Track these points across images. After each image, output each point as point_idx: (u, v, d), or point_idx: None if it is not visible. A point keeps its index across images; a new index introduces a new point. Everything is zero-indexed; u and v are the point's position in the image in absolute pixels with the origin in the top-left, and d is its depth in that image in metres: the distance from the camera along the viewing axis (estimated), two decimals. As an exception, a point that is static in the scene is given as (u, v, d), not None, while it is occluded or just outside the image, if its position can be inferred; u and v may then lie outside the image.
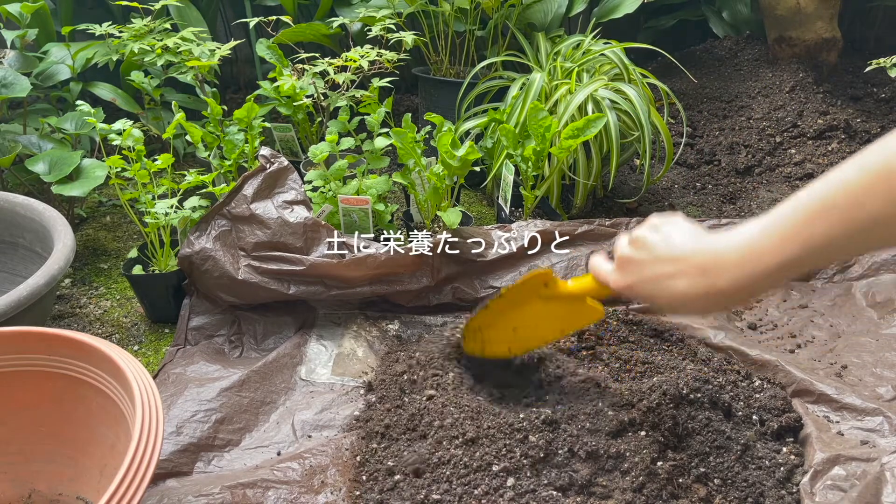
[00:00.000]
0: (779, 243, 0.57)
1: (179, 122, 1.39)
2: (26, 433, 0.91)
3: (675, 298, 0.66)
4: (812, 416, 1.01)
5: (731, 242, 0.61)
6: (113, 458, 0.86)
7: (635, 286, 0.72)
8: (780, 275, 0.58)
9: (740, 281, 0.60)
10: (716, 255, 0.62)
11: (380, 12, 1.81)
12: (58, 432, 0.90)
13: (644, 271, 0.69)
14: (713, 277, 0.62)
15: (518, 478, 0.86)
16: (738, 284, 0.60)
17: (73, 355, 0.86)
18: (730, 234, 0.62)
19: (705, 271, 0.63)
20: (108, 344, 0.85)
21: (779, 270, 0.58)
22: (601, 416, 0.91)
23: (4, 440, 0.90)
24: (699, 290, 0.63)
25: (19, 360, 0.87)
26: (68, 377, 0.87)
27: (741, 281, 0.60)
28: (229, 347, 1.28)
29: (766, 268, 0.58)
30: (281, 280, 1.26)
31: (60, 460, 0.91)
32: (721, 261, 0.62)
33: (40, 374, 0.87)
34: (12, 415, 0.90)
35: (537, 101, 1.49)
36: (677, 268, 0.65)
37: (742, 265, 0.60)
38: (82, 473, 0.90)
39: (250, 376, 1.15)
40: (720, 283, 0.61)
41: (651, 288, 0.68)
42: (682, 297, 0.65)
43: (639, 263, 0.70)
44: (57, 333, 0.85)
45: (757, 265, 0.58)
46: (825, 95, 2.11)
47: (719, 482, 0.89)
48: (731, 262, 0.61)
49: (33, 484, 0.91)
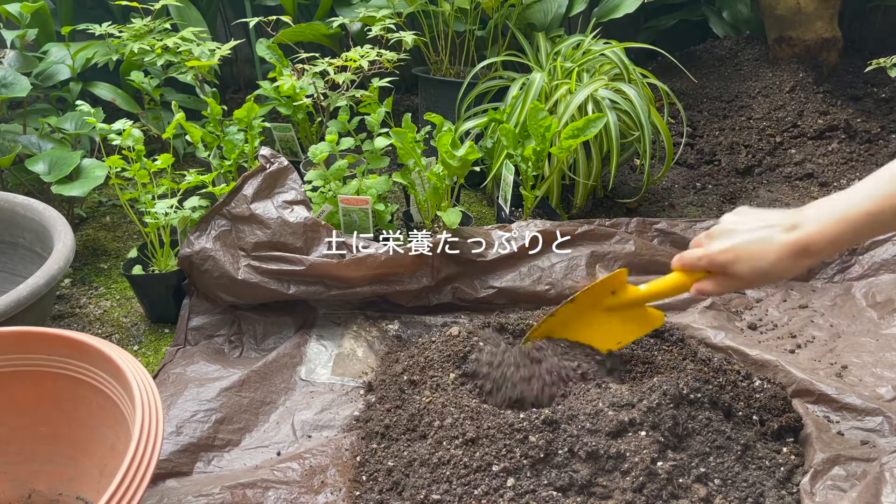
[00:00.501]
0: (867, 199, 0.71)
1: (179, 122, 1.39)
2: (26, 433, 0.90)
3: (768, 253, 0.78)
4: (812, 416, 1.01)
5: (819, 202, 0.76)
6: (113, 458, 0.86)
7: (734, 248, 0.82)
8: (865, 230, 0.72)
9: (827, 229, 0.74)
10: (805, 211, 0.77)
11: (380, 12, 1.81)
12: (58, 432, 0.90)
13: (740, 235, 0.82)
14: (804, 228, 0.76)
15: (518, 478, 0.86)
16: (825, 233, 0.74)
17: (73, 355, 0.86)
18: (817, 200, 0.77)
19: (796, 225, 0.77)
20: (108, 344, 0.85)
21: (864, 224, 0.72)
22: (601, 416, 0.91)
23: (4, 440, 0.90)
24: (790, 241, 0.77)
25: (19, 360, 0.87)
26: (68, 377, 0.87)
27: (828, 229, 0.74)
28: (229, 347, 1.28)
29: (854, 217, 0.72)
30: (281, 280, 1.26)
31: (60, 460, 0.91)
32: (810, 213, 0.76)
33: (40, 374, 0.87)
34: (12, 415, 0.90)
35: (537, 101, 1.49)
36: (770, 225, 0.80)
37: (832, 213, 0.74)
38: (82, 473, 0.90)
39: (250, 376, 1.15)
40: (810, 230, 0.75)
41: (747, 248, 0.81)
42: (775, 251, 0.78)
43: (734, 231, 0.83)
44: (57, 333, 0.85)
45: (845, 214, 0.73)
46: (825, 95, 2.11)
47: (719, 482, 0.88)
48: (822, 213, 0.75)
49: (33, 484, 0.91)
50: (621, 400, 0.94)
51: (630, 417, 0.90)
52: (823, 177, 1.87)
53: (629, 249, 1.39)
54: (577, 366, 1.03)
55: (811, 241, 0.75)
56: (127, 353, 0.84)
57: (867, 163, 1.88)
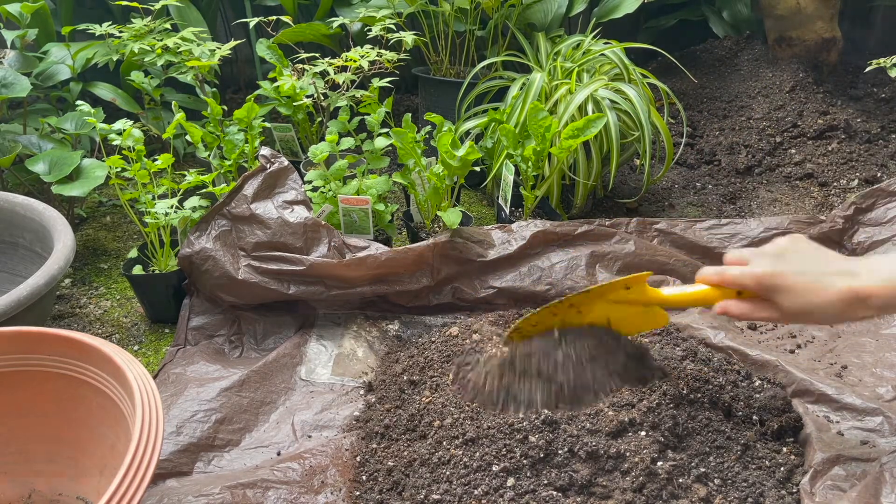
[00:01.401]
0: None
1: (179, 122, 1.39)
2: (26, 433, 0.91)
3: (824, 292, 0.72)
4: (812, 416, 1.01)
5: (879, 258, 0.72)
6: (113, 458, 0.86)
7: (782, 274, 0.76)
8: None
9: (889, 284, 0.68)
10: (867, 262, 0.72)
11: (380, 12, 1.81)
12: (58, 432, 0.90)
13: (793, 264, 0.76)
14: (862, 278, 0.70)
15: (518, 478, 0.86)
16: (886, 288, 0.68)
17: (73, 355, 0.86)
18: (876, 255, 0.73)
19: (854, 273, 0.71)
20: (108, 344, 0.85)
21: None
22: (601, 416, 0.91)
23: (4, 440, 0.90)
24: (843, 288, 0.70)
25: (19, 360, 0.87)
26: (68, 377, 0.87)
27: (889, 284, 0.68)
28: (229, 347, 1.28)
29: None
30: (281, 280, 1.26)
31: (60, 460, 0.91)
32: (872, 265, 0.71)
33: (40, 373, 0.87)
34: (12, 415, 0.90)
35: (537, 101, 1.49)
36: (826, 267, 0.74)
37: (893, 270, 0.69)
38: (82, 473, 0.90)
39: (250, 376, 1.15)
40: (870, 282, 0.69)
41: (802, 279, 0.74)
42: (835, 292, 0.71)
43: (789, 258, 0.77)
44: (57, 333, 0.85)
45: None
46: (825, 95, 2.11)
47: (719, 482, 0.88)
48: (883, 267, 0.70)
49: (33, 484, 0.91)
50: (621, 400, 0.94)
51: (630, 417, 0.90)
52: (823, 177, 1.87)
53: (629, 249, 1.39)
54: None
55: (872, 292, 0.70)
56: (127, 352, 0.84)
57: (867, 163, 1.88)
